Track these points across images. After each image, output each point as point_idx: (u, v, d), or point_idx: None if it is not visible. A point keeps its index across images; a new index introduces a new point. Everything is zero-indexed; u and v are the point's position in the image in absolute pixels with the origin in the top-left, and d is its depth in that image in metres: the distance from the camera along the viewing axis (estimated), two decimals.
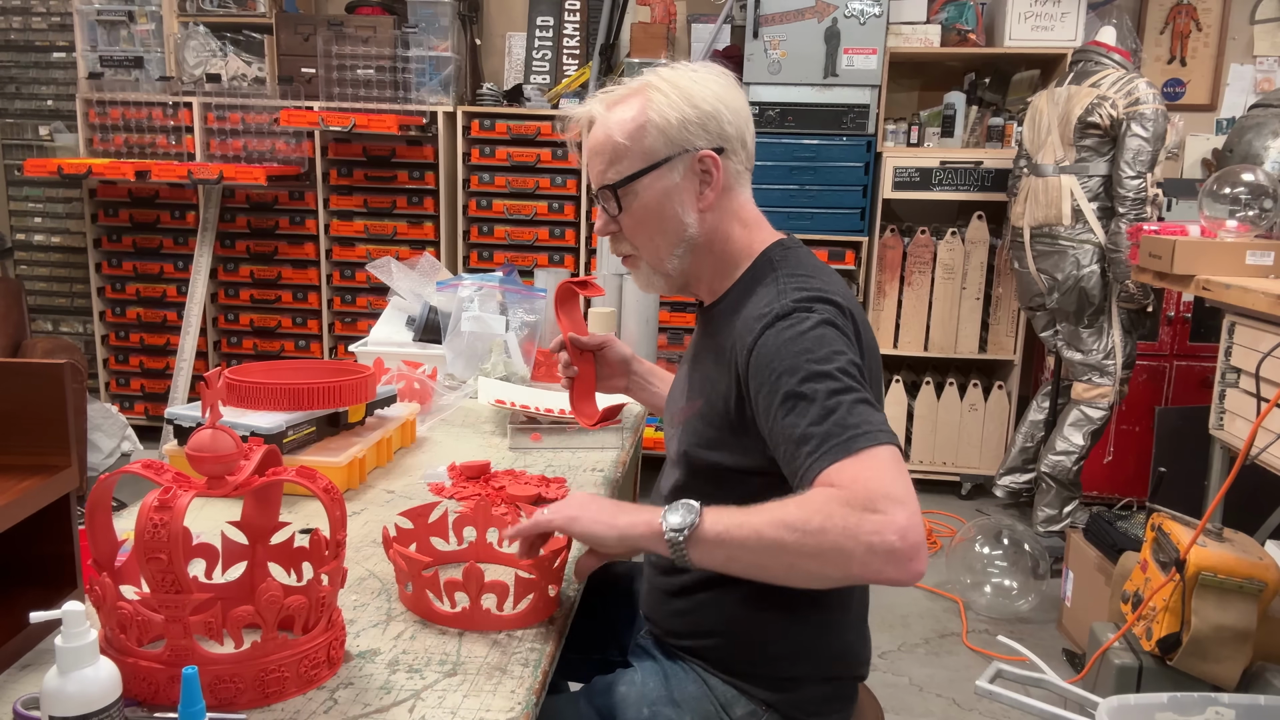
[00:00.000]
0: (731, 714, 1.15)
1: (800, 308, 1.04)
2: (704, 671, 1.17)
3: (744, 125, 1.15)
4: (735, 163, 1.16)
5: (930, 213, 3.96)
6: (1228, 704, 1.89)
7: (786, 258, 1.15)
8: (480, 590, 1.04)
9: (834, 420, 0.96)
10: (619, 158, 1.15)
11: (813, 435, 0.97)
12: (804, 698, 1.16)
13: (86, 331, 4.23)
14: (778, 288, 1.09)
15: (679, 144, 1.12)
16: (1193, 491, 2.56)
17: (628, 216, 1.17)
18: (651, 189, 1.14)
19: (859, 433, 0.95)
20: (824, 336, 1.02)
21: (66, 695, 0.74)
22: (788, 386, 1.00)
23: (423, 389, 1.91)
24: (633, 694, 1.16)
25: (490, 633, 1.04)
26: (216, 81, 3.85)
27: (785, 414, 1.00)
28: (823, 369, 0.99)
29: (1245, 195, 2.52)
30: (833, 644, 1.17)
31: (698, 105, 1.12)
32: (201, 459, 0.94)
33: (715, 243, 1.17)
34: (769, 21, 3.55)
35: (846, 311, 1.07)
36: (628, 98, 1.15)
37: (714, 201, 1.14)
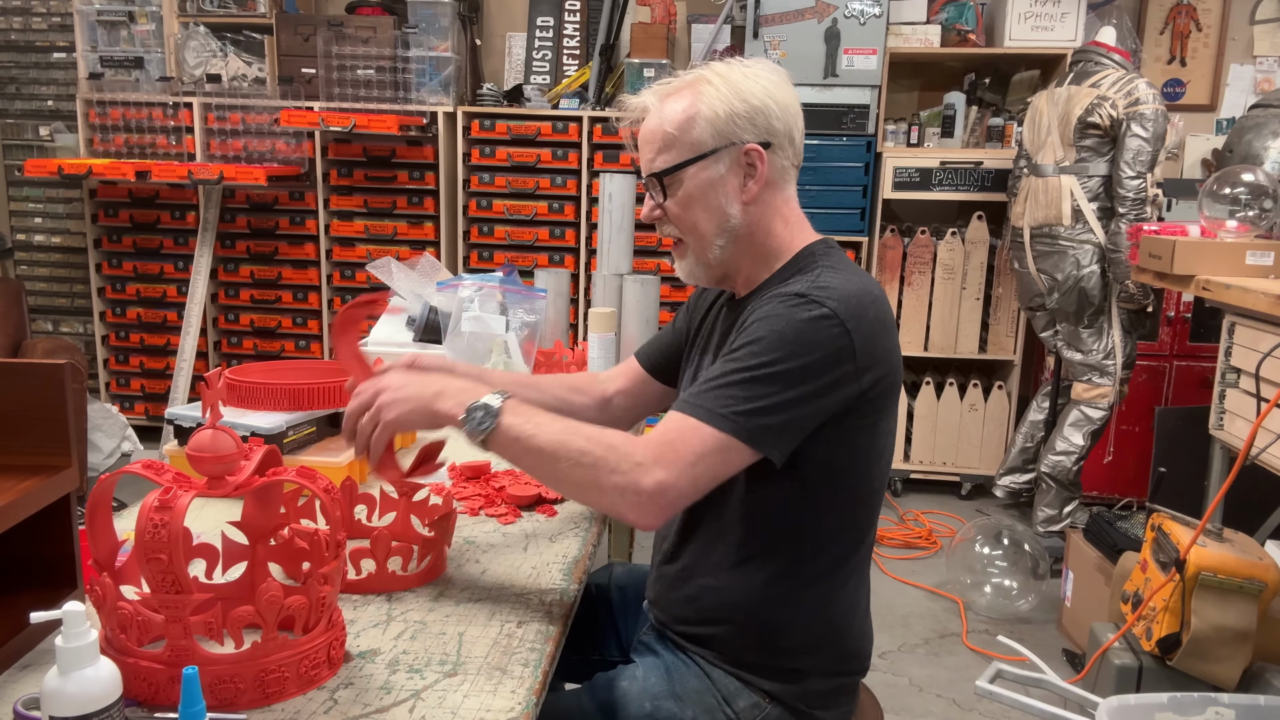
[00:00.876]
0: (734, 706, 1.16)
1: (812, 297, 1.07)
2: (707, 664, 1.18)
3: (793, 122, 1.18)
4: (781, 158, 1.18)
5: (930, 213, 3.96)
6: (1228, 704, 1.89)
7: (829, 254, 1.19)
8: (386, 555, 1.11)
9: (728, 393, 1.04)
10: (668, 147, 1.17)
11: (708, 386, 1.06)
12: (808, 690, 1.17)
13: (87, 332, 4.23)
14: (811, 275, 1.13)
15: (726, 136, 1.15)
16: (1193, 491, 2.56)
17: (674, 204, 1.19)
18: (697, 179, 1.16)
19: (724, 414, 1.03)
20: (804, 334, 1.05)
21: (67, 695, 0.74)
22: (744, 346, 1.07)
23: None
24: (634, 689, 1.17)
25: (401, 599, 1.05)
26: (217, 82, 3.85)
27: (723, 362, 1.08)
28: (773, 356, 1.04)
29: (1245, 195, 2.52)
30: (839, 640, 1.19)
31: (747, 100, 1.14)
32: (202, 459, 0.94)
33: (756, 236, 1.19)
34: (769, 22, 3.55)
35: (858, 319, 1.07)
36: (681, 90, 1.18)
37: (757, 194, 1.17)
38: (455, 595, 1.13)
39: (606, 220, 2.46)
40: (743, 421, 1.03)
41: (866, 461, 1.15)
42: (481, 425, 1.06)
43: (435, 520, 1.18)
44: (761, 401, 1.04)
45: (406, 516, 1.21)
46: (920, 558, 3.28)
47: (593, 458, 1.03)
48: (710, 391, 1.06)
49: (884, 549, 3.34)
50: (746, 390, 1.04)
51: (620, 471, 1.01)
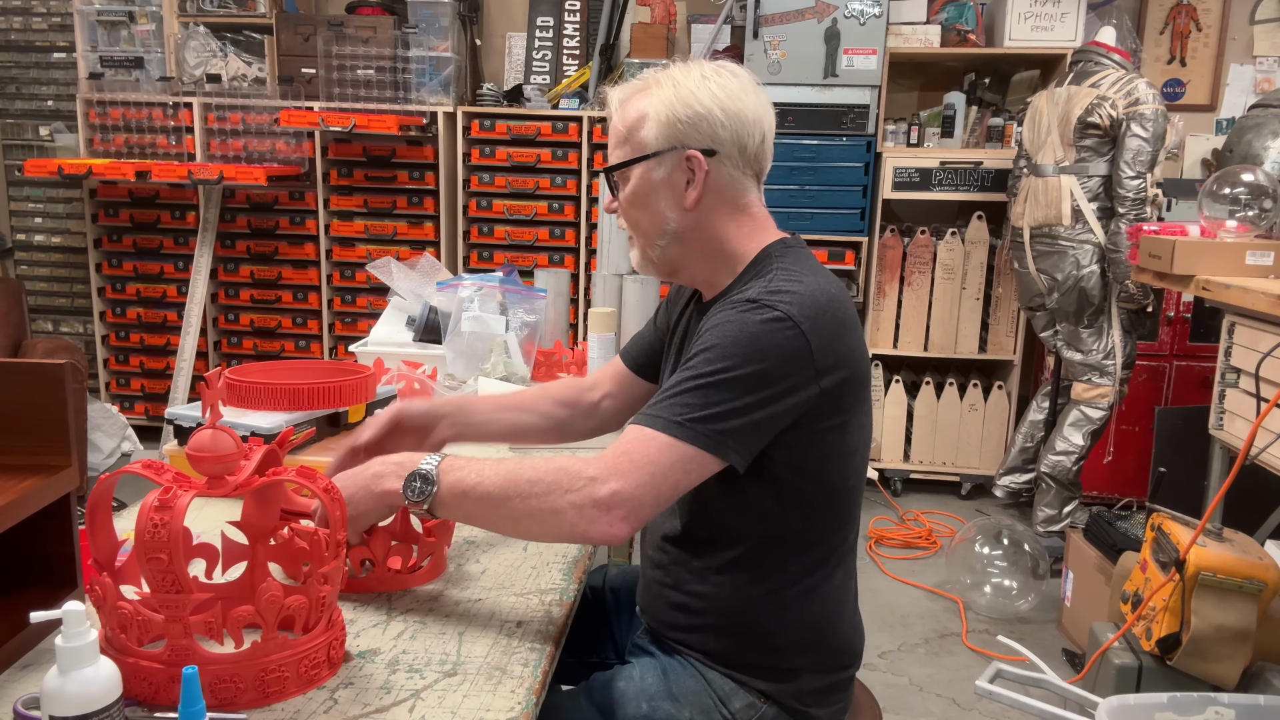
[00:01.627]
0: (730, 706, 1.16)
1: (766, 301, 1.07)
2: (702, 665, 1.18)
3: (743, 130, 1.16)
4: (730, 167, 1.16)
5: (930, 213, 3.96)
6: (1227, 704, 1.89)
7: (786, 254, 1.17)
8: (386, 555, 1.13)
9: (684, 401, 1.04)
10: (620, 144, 1.19)
11: (665, 397, 1.06)
12: (802, 689, 1.18)
13: (87, 331, 4.23)
14: (766, 280, 1.12)
15: (669, 140, 1.15)
16: (1193, 491, 2.56)
17: (623, 200, 1.21)
18: (642, 179, 1.18)
19: (683, 421, 1.03)
20: (758, 338, 1.05)
21: (66, 695, 0.74)
22: (698, 355, 1.07)
23: (423, 389, 1.91)
24: (631, 689, 1.18)
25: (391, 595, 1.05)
26: (217, 82, 3.85)
27: (680, 369, 1.08)
28: (728, 363, 1.04)
29: (1245, 195, 2.52)
30: (830, 636, 1.20)
31: (691, 106, 1.14)
32: (201, 459, 0.94)
33: (702, 240, 1.19)
34: (769, 22, 3.55)
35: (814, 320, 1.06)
36: (639, 90, 1.19)
37: (698, 200, 1.16)
38: (455, 595, 1.14)
39: (606, 220, 2.46)
40: (699, 429, 1.03)
41: (840, 459, 1.14)
42: (423, 494, 1.05)
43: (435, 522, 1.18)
44: (718, 408, 1.03)
45: (406, 516, 1.21)
46: (920, 558, 3.28)
47: (544, 485, 1.01)
48: (665, 401, 1.05)
49: (884, 549, 3.34)
50: (702, 397, 1.03)
51: (574, 489, 1.00)
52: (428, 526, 1.19)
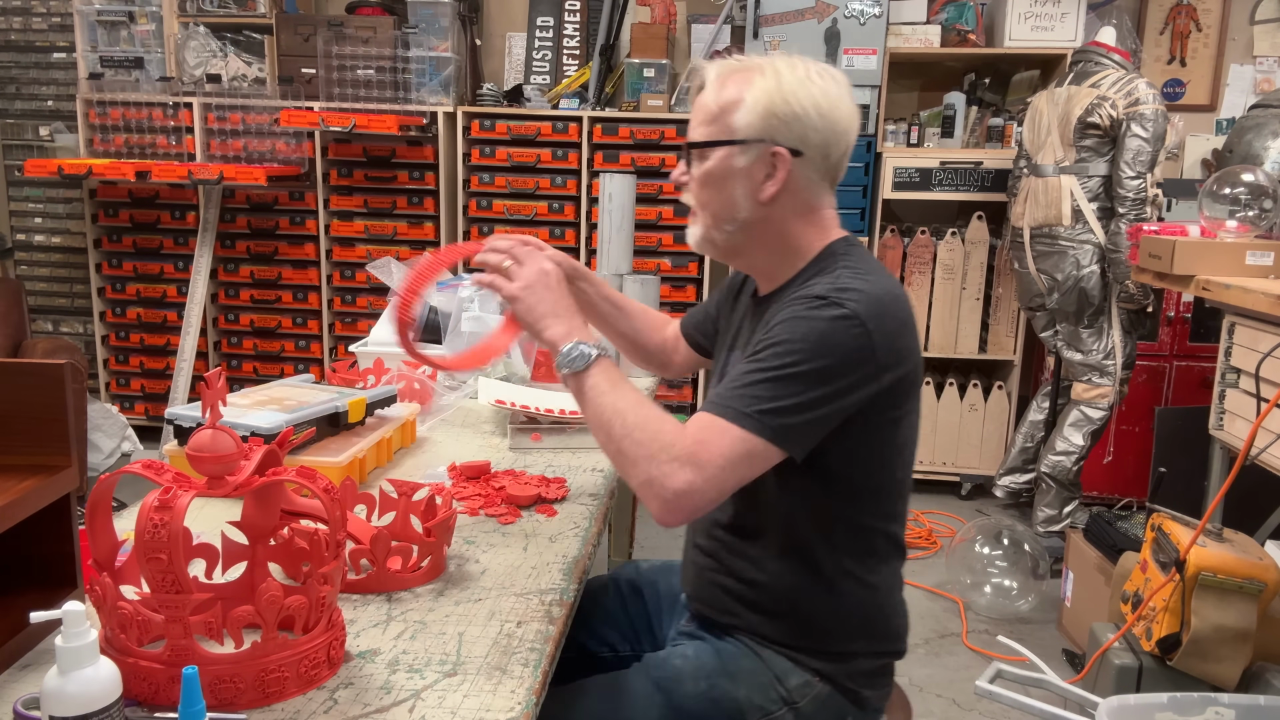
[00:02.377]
0: (786, 684, 1.19)
1: (834, 299, 1.09)
2: (756, 645, 1.22)
3: (833, 138, 1.17)
4: (810, 169, 1.17)
5: (930, 213, 3.96)
6: (1228, 704, 1.89)
7: (850, 252, 1.20)
8: (386, 555, 1.13)
9: (754, 393, 1.07)
10: (708, 121, 1.19)
11: (734, 387, 1.08)
12: (855, 670, 1.22)
13: (86, 332, 4.23)
14: (832, 276, 1.14)
15: (760, 132, 1.15)
16: (1193, 491, 2.56)
17: (696, 176, 1.21)
18: (722, 161, 1.18)
19: (750, 415, 1.05)
20: (827, 336, 1.07)
21: (67, 695, 0.74)
22: (767, 347, 1.09)
23: (423, 389, 1.91)
24: (688, 667, 1.20)
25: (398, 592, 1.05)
26: (217, 82, 3.85)
27: (745, 362, 1.10)
28: (797, 357, 1.06)
29: (1245, 195, 2.52)
30: (880, 622, 1.23)
31: (790, 103, 1.14)
32: (201, 459, 0.94)
33: (770, 234, 1.20)
34: (769, 22, 3.55)
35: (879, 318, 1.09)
36: (739, 71, 1.18)
37: (774, 196, 1.17)
38: (455, 595, 1.14)
39: (606, 220, 2.46)
40: (767, 420, 1.05)
41: (892, 452, 1.18)
42: (574, 365, 1.12)
43: (434, 523, 1.19)
44: (785, 401, 1.06)
45: (406, 516, 1.21)
46: (920, 558, 3.28)
47: (643, 439, 1.06)
48: (736, 391, 1.08)
49: None
50: (770, 390, 1.06)
51: (656, 462, 1.04)
52: (428, 526, 1.19)
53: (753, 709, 1.18)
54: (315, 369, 4.00)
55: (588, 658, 1.40)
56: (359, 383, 1.82)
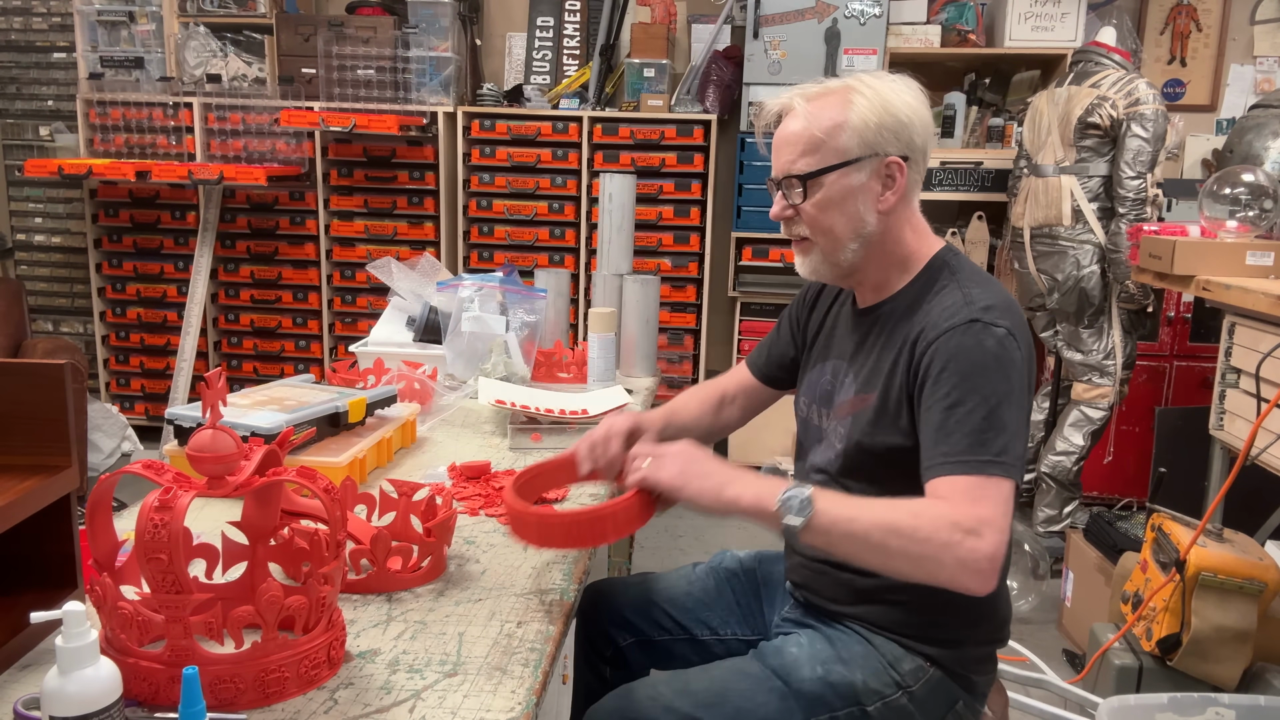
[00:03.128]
0: (899, 669, 1.22)
1: (986, 320, 1.14)
2: (867, 632, 1.25)
3: (930, 139, 1.25)
4: (915, 172, 1.24)
5: (930, 213, 3.92)
6: (1228, 704, 1.89)
7: (961, 265, 1.26)
8: (385, 555, 1.14)
9: (982, 439, 1.09)
10: (812, 150, 1.21)
11: (957, 438, 1.10)
12: (966, 656, 1.25)
13: (87, 332, 4.23)
14: (962, 293, 1.19)
15: (872, 147, 1.20)
16: (1193, 491, 2.56)
17: (811, 206, 1.23)
18: (838, 184, 1.21)
19: (994, 460, 1.08)
20: (1001, 359, 1.13)
21: (67, 695, 0.74)
22: (956, 387, 1.12)
23: (423, 389, 1.91)
24: (803, 655, 1.24)
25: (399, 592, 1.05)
26: (217, 82, 3.85)
27: (944, 408, 1.12)
28: (992, 389, 1.11)
29: (1245, 195, 2.52)
30: (992, 609, 1.27)
31: (895, 114, 1.20)
32: (202, 459, 0.94)
33: (888, 243, 1.25)
34: (769, 22, 3.55)
35: (1018, 325, 1.17)
36: (830, 95, 1.22)
37: (893, 205, 1.22)
38: (455, 595, 1.14)
39: (606, 220, 2.46)
40: (1009, 461, 1.09)
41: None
42: (803, 510, 1.07)
43: (434, 523, 1.19)
44: (1005, 435, 1.10)
45: (406, 516, 1.21)
46: None
47: (924, 531, 1.05)
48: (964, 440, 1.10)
49: None
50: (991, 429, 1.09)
51: (953, 547, 1.04)
52: (428, 526, 1.19)
53: (868, 693, 1.21)
54: (315, 369, 4.00)
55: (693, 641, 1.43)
56: (359, 383, 1.82)
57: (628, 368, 2.34)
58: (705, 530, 3.43)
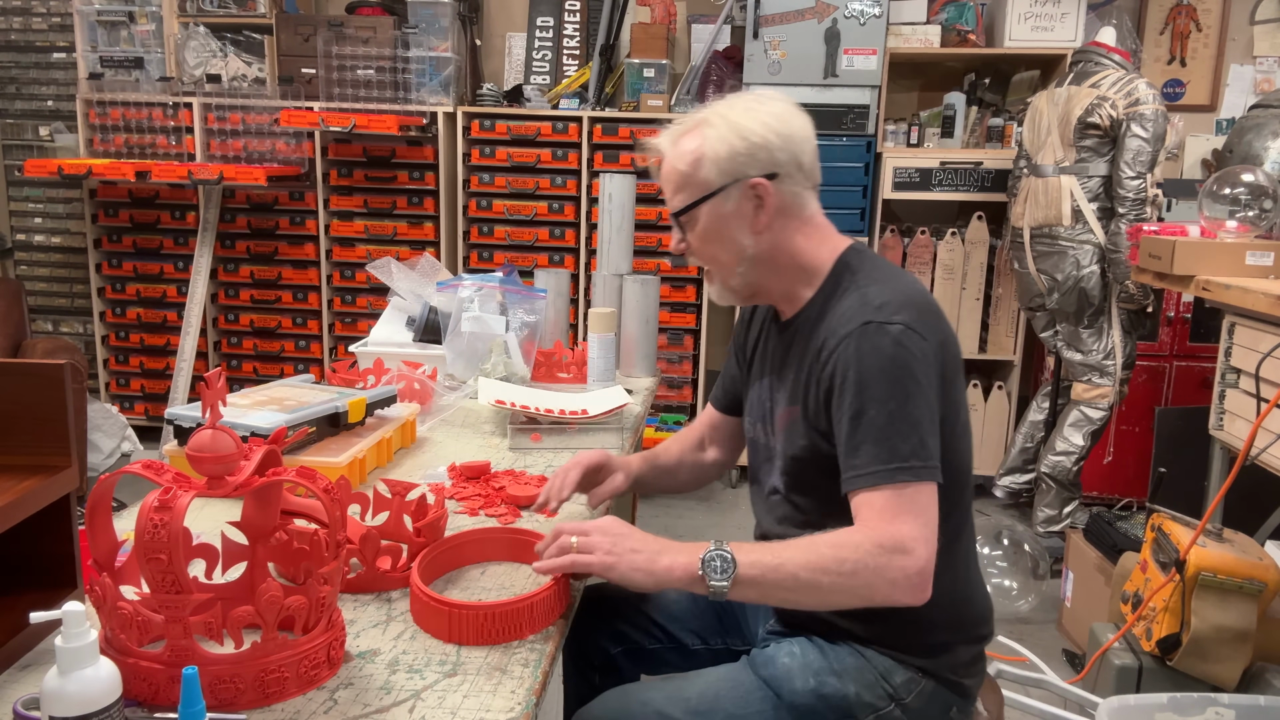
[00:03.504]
0: (891, 681, 1.22)
1: (880, 320, 1.14)
2: (859, 644, 1.25)
3: (798, 150, 1.24)
4: (791, 185, 1.25)
5: (930, 213, 3.96)
6: (1228, 704, 1.89)
7: (863, 263, 1.26)
8: (375, 555, 1.13)
9: (890, 446, 1.10)
10: (681, 187, 1.25)
11: (866, 450, 1.11)
12: (956, 660, 1.26)
13: (86, 332, 4.23)
14: (859, 294, 1.19)
15: (731, 174, 1.22)
16: (1193, 491, 2.56)
17: (694, 239, 1.27)
18: (710, 215, 1.24)
19: (904, 466, 1.09)
20: (898, 358, 1.12)
21: (66, 695, 0.74)
22: (857, 395, 1.13)
23: (423, 389, 1.91)
24: (795, 664, 1.23)
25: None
26: (217, 82, 3.85)
27: (849, 419, 1.13)
28: (892, 391, 1.11)
29: (1245, 196, 2.52)
30: (968, 606, 1.28)
31: (746, 138, 1.21)
32: (201, 459, 0.94)
33: (779, 257, 1.26)
34: (769, 22, 3.55)
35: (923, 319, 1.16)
36: (688, 132, 1.25)
37: (769, 223, 1.24)
38: (455, 595, 1.13)
39: (606, 220, 2.46)
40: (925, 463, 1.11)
41: (955, 436, 1.21)
42: (724, 571, 1.08)
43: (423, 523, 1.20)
44: (916, 436, 1.11)
45: (399, 516, 1.21)
46: None
47: (851, 563, 1.07)
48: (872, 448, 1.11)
49: None
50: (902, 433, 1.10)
51: (881, 570, 1.07)
52: (417, 526, 1.19)
53: (862, 706, 1.21)
54: (315, 369, 4.00)
55: (681, 650, 1.43)
56: (359, 383, 1.82)
57: (628, 368, 2.34)
58: (704, 534, 3.43)
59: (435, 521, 1.20)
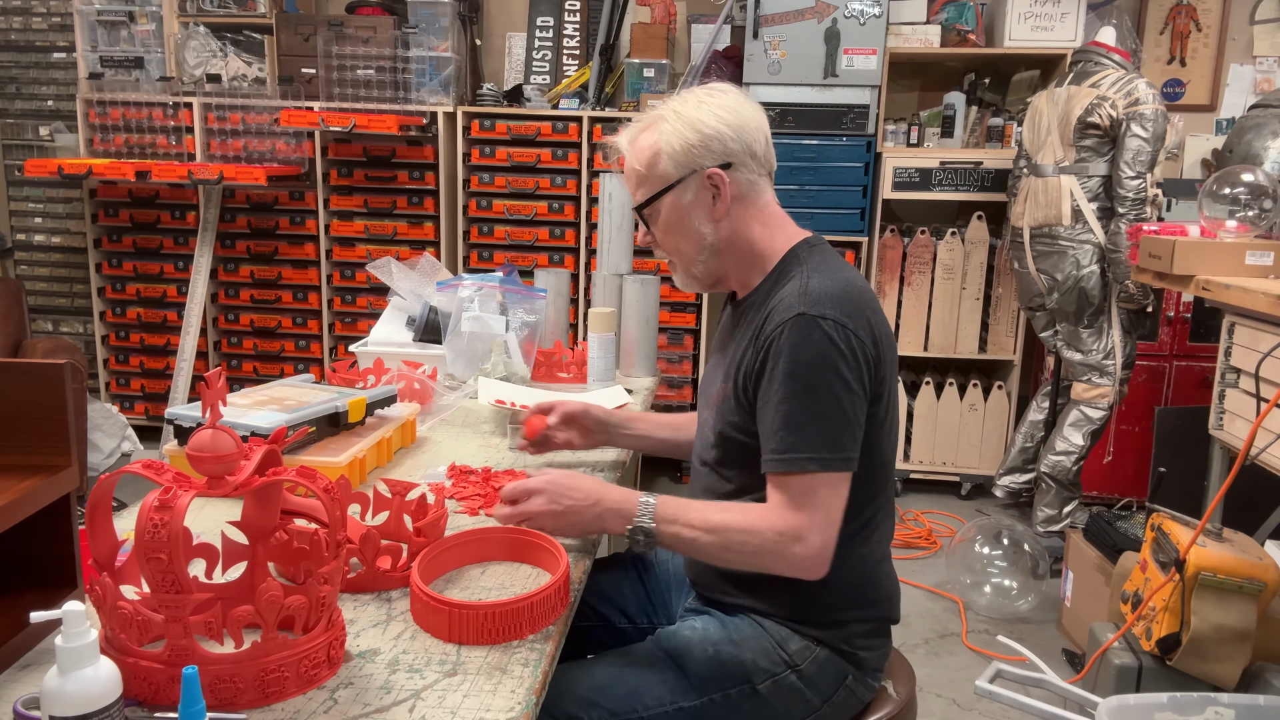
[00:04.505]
0: (787, 649, 1.28)
1: (814, 313, 1.18)
2: (758, 616, 1.31)
3: (750, 139, 1.28)
4: (746, 173, 1.29)
5: (930, 213, 3.96)
6: (1227, 704, 1.89)
7: (811, 255, 1.29)
8: (375, 555, 1.14)
9: (805, 435, 1.17)
10: (641, 183, 1.31)
11: (783, 436, 1.18)
12: (850, 633, 1.31)
13: (86, 331, 4.23)
14: (801, 283, 1.23)
15: (687, 166, 1.27)
16: (1193, 491, 2.57)
17: (658, 231, 1.33)
18: (671, 207, 1.30)
19: (815, 457, 1.16)
20: (825, 353, 1.17)
21: (66, 695, 0.74)
22: (782, 384, 1.18)
23: (423, 389, 1.91)
24: (696, 637, 1.30)
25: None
26: (217, 82, 3.85)
27: (773, 405, 1.19)
28: (814, 383, 1.17)
29: (1245, 195, 2.52)
30: (871, 590, 1.32)
31: (700, 130, 1.26)
32: (201, 459, 0.94)
33: (737, 245, 1.31)
34: (769, 22, 3.55)
35: (857, 315, 1.20)
36: (645, 129, 1.31)
37: (727, 211, 1.29)
38: (455, 595, 1.13)
39: (606, 220, 2.46)
40: (838, 455, 1.17)
41: (877, 433, 1.25)
42: (646, 544, 1.22)
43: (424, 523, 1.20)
44: (833, 427, 1.17)
45: (399, 516, 1.22)
46: (920, 558, 3.28)
47: (753, 545, 1.18)
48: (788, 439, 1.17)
49: None
50: (815, 424, 1.16)
51: (784, 552, 1.17)
52: (417, 526, 1.19)
53: (758, 671, 1.27)
54: (315, 369, 4.00)
55: (610, 629, 1.49)
56: (359, 383, 1.82)
57: (628, 368, 2.34)
58: None
59: (435, 521, 1.20)
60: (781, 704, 1.28)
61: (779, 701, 1.27)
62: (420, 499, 1.24)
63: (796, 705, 1.28)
